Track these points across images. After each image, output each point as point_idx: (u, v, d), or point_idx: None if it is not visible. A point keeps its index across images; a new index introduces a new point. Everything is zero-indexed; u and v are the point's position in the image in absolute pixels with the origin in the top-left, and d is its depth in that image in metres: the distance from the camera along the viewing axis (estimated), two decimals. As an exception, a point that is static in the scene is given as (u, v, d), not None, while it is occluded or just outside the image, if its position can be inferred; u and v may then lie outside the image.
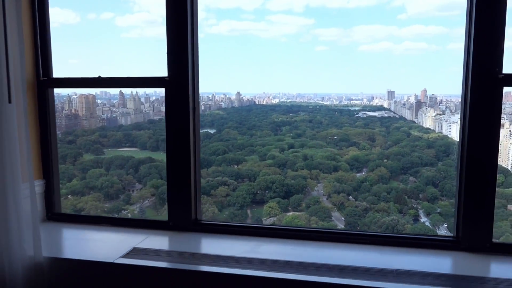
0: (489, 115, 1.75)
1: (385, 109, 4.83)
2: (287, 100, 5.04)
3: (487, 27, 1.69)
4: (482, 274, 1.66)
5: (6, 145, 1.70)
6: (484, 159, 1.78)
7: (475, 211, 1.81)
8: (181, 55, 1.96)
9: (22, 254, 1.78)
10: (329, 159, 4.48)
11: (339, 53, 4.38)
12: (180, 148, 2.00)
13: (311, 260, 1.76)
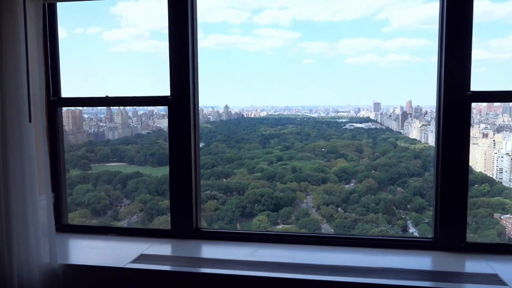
0: (460, 126, 2.12)
1: (371, 121, 5.12)
2: (275, 112, 5.27)
3: (456, 51, 2.07)
4: (458, 269, 2.00)
5: (26, 160, 1.98)
6: (457, 167, 2.13)
7: (450, 214, 2.16)
8: (182, 76, 2.28)
9: (39, 261, 2.04)
10: (318, 171, 4.73)
11: (326, 66, 4.63)
12: (182, 162, 2.31)
13: (304, 261, 2.07)
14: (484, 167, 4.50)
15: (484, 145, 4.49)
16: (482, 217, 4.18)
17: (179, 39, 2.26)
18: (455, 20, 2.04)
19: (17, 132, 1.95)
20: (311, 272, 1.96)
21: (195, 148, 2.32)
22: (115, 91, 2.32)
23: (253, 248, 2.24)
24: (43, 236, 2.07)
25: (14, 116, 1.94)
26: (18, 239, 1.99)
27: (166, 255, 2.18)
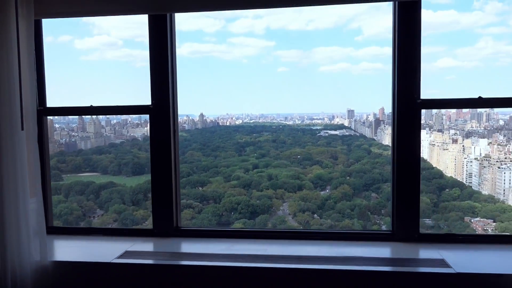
0: (411, 131, 2.55)
1: (346, 128, 5.46)
2: (250, 120, 5.56)
3: (407, 63, 2.51)
4: (412, 256, 2.42)
5: (18, 166, 2.30)
6: (409, 167, 2.55)
7: (405, 209, 2.58)
8: (163, 86, 2.65)
9: (30, 259, 2.36)
10: (294, 178, 5.01)
11: (300, 74, 4.91)
12: (163, 165, 2.67)
13: (276, 253, 2.46)
14: (455, 172, 4.86)
15: (454, 151, 4.84)
16: (453, 220, 4.50)
17: (159, 49, 2.65)
18: (405, 35, 2.49)
19: (10, 140, 2.28)
20: (282, 262, 2.34)
21: (175, 153, 2.69)
22: (89, 100, 2.65)
23: (230, 244, 2.61)
24: (33, 236, 2.38)
25: (7, 125, 2.27)
26: (11, 238, 2.31)
27: (149, 251, 2.53)
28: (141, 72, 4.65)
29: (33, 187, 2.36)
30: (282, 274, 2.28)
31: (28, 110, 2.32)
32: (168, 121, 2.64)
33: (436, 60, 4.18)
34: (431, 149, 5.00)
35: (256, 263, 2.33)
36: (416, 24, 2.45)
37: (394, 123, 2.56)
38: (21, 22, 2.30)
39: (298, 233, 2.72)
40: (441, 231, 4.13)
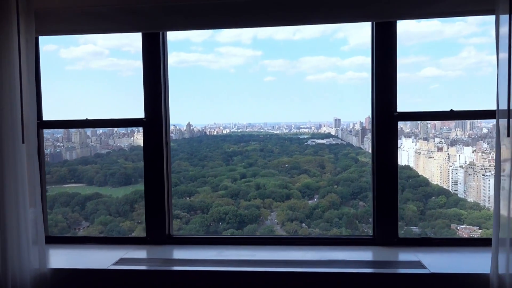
0: (389, 141, 2.86)
1: (332, 137, 5.67)
2: (237, 130, 5.73)
3: (384, 79, 2.82)
4: (392, 259, 2.74)
5: (19, 177, 2.55)
6: (388, 175, 2.85)
7: (385, 215, 2.89)
8: (156, 99, 2.92)
9: (30, 267, 2.60)
10: (281, 187, 5.16)
11: (287, 83, 5.09)
12: (156, 176, 2.94)
13: (264, 258, 2.74)
14: (440, 180, 5.13)
15: (440, 159, 5.11)
16: (440, 228, 4.75)
17: (152, 65, 2.94)
18: (382, 54, 2.81)
19: (12, 152, 2.53)
20: (270, 266, 2.61)
21: (167, 164, 2.96)
22: (75, 110, 2.87)
23: (220, 250, 2.89)
24: (33, 244, 2.62)
25: (9, 138, 2.52)
26: (12, 247, 2.55)
27: (143, 257, 2.79)
28: (128, 82, 4.88)
29: (33, 198, 2.61)
30: (270, 277, 2.56)
31: (28, 124, 2.57)
32: (161, 133, 2.92)
33: (421, 69, 4.46)
34: (417, 157, 5.17)
35: (245, 267, 2.60)
36: (392, 44, 2.79)
37: (374, 135, 2.87)
38: (22, 40, 2.56)
39: (285, 239, 3.02)
40: (421, 236, 4.39)
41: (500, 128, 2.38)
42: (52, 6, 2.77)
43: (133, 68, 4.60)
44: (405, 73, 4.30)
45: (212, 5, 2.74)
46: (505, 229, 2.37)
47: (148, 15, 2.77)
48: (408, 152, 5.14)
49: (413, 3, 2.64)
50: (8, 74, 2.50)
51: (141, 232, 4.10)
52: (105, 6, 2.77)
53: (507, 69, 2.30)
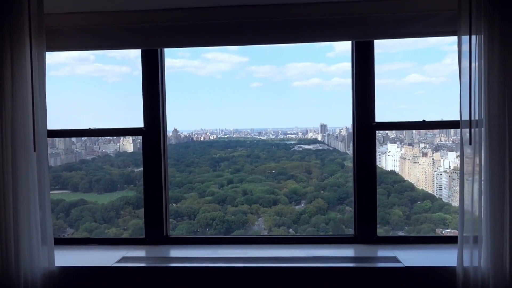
0: (368, 148, 3.41)
1: (319, 142, 5.97)
2: (224, 135, 5.99)
3: (363, 93, 3.36)
4: (371, 255, 3.28)
5: (30, 183, 3.02)
6: (367, 179, 3.38)
7: (365, 215, 3.42)
8: (154, 111, 3.41)
9: (40, 265, 3.06)
10: (268, 193, 5.43)
11: (274, 89, 5.34)
12: (154, 181, 3.44)
13: (255, 255, 3.25)
14: (425, 185, 5.55)
15: (424, 164, 5.53)
16: (425, 232, 5.11)
17: (151, 79, 3.45)
18: (361, 70, 3.36)
19: (24, 160, 3.00)
20: (260, 262, 3.12)
21: (164, 170, 3.47)
22: (61, 117, 3.28)
23: (214, 249, 3.40)
24: (42, 244, 3.08)
25: (22, 146, 2.98)
26: (24, 246, 3.02)
27: (143, 256, 3.29)
28: (114, 87, 5.21)
29: (42, 202, 3.07)
30: (260, 272, 3.07)
31: (39, 134, 3.03)
32: (159, 141, 3.45)
33: (405, 76, 4.90)
34: (402, 162, 5.50)
35: (237, 263, 3.11)
36: (370, 61, 3.38)
37: (354, 143, 3.41)
38: (34, 55, 3.03)
39: (274, 239, 3.58)
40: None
41: (463, 137, 2.93)
42: (61, 25, 3.31)
43: (119, 74, 5.03)
44: (391, 79, 4.77)
45: (205, 25, 3.31)
46: (469, 228, 2.91)
47: (147, 33, 3.30)
48: (393, 157, 5.41)
49: (389, 25, 3.21)
50: (21, 87, 2.98)
51: (127, 239, 4.47)
52: (108, 25, 3.32)
53: (468, 85, 2.85)
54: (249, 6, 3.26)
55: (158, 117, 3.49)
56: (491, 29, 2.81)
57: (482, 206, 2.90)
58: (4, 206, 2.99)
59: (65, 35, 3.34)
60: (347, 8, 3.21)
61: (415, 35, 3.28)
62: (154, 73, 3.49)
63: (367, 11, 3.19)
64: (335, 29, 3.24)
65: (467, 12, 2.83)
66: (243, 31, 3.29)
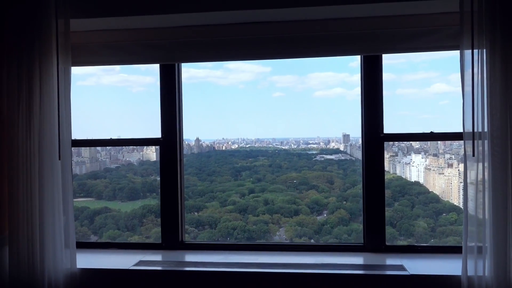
0: (377, 159, 3.66)
1: (341, 152, 6.02)
2: (246, 145, 6.18)
3: (372, 105, 3.62)
4: (379, 263, 3.53)
5: (55, 190, 3.38)
6: (376, 190, 3.63)
7: (374, 225, 3.65)
8: (171, 122, 3.75)
9: (63, 267, 3.40)
10: (290, 203, 5.53)
11: (295, 99, 5.42)
12: (170, 189, 3.77)
13: (266, 261, 3.53)
14: (451, 196, 5.68)
15: (450, 175, 5.65)
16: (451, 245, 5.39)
17: (169, 92, 3.80)
18: (370, 82, 3.62)
19: (50, 168, 3.36)
20: (271, 268, 3.40)
21: (180, 178, 3.80)
22: (85, 125, 3.63)
23: (227, 255, 3.70)
24: (65, 247, 3.43)
25: (48, 155, 3.34)
26: (48, 249, 3.37)
27: (159, 260, 3.62)
28: (138, 97, 5.51)
29: (66, 207, 3.43)
30: (271, 277, 3.36)
31: (64, 143, 3.40)
32: (176, 152, 3.78)
33: (430, 85, 5.07)
34: (426, 173, 5.59)
35: (249, 269, 3.40)
36: (378, 75, 3.65)
37: (363, 154, 3.66)
38: (61, 70, 3.41)
39: (285, 246, 3.89)
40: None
41: (467, 148, 3.14)
42: (86, 42, 3.74)
43: (143, 84, 5.36)
44: (414, 89, 4.95)
45: (220, 41, 3.67)
46: (473, 238, 3.12)
47: (166, 49, 3.66)
48: (418, 168, 5.51)
49: (395, 40, 3.48)
50: (48, 99, 3.36)
51: (149, 247, 4.78)
52: (129, 41, 3.73)
53: (471, 98, 3.07)
54: (260, 23, 3.61)
55: (175, 128, 3.86)
56: (492, 43, 3.04)
57: (486, 215, 3.13)
58: (31, 210, 3.36)
59: (89, 51, 3.77)
60: (355, 24, 3.49)
61: (420, 49, 3.54)
62: (171, 86, 3.88)
63: (374, 27, 3.48)
64: (343, 45, 3.54)
65: (469, 27, 3.06)
66: (258, 47, 3.63)
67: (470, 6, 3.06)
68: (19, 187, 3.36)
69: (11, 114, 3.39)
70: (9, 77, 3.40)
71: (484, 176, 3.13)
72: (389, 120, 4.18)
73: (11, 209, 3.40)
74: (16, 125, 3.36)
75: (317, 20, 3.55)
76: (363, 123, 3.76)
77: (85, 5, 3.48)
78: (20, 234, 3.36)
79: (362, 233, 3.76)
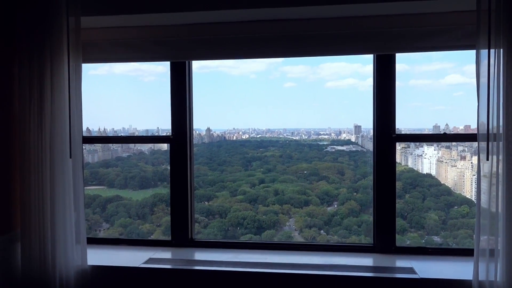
0: (388, 159, 3.62)
1: (352, 143, 6.01)
2: (257, 135, 6.13)
3: (385, 106, 3.56)
4: (389, 265, 3.51)
5: (66, 187, 3.38)
6: (387, 190, 3.59)
7: (384, 226, 3.62)
8: (181, 120, 3.72)
9: (73, 263, 3.42)
10: (300, 194, 5.55)
11: (307, 89, 5.42)
12: (181, 186, 3.76)
13: (274, 261, 3.53)
14: (463, 189, 5.63)
15: (462, 168, 5.58)
16: (462, 238, 5.14)
17: (179, 89, 3.75)
18: (382, 83, 3.56)
19: (61, 166, 3.36)
20: (279, 268, 3.40)
21: (190, 176, 3.78)
22: (97, 114, 3.63)
23: (236, 253, 3.71)
24: (76, 244, 3.44)
25: (59, 153, 3.34)
26: (59, 246, 3.39)
27: (168, 258, 3.63)
28: (150, 87, 5.49)
29: (77, 204, 3.43)
30: (279, 278, 3.35)
31: (74, 141, 3.39)
32: (186, 149, 3.77)
33: (444, 76, 5.00)
34: (439, 165, 5.53)
35: (257, 268, 3.41)
36: (391, 74, 3.55)
37: (374, 154, 3.61)
38: (72, 67, 3.39)
39: (294, 245, 3.88)
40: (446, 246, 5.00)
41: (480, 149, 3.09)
42: (96, 39, 3.72)
43: (155, 73, 5.34)
44: (428, 80, 4.89)
45: (229, 39, 3.63)
46: (485, 231, 3.08)
47: (176, 47, 3.62)
48: (430, 160, 5.47)
49: (409, 39, 3.40)
50: (59, 96, 3.35)
51: (159, 235, 4.80)
52: (140, 39, 3.70)
53: (486, 95, 3.01)
54: (272, 21, 3.55)
55: (185, 126, 3.84)
56: (510, 43, 2.96)
57: (499, 209, 3.08)
58: (43, 207, 3.37)
59: (100, 48, 3.75)
60: (368, 22, 3.42)
61: (435, 49, 3.47)
62: (182, 83, 3.85)
63: (388, 25, 3.40)
64: (356, 44, 3.48)
65: (486, 26, 2.99)
66: (268, 44, 3.58)
67: (488, 5, 2.98)
68: (31, 184, 3.38)
69: (22, 112, 3.39)
70: (20, 75, 3.39)
71: (498, 169, 3.07)
72: (402, 112, 4.16)
73: (23, 206, 3.41)
74: (28, 123, 3.36)
75: (330, 19, 3.48)
76: (374, 124, 3.72)
77: (96, 3, 3.45)
78: (32, 230, 3.38)
79: (372, 224, 3.72)
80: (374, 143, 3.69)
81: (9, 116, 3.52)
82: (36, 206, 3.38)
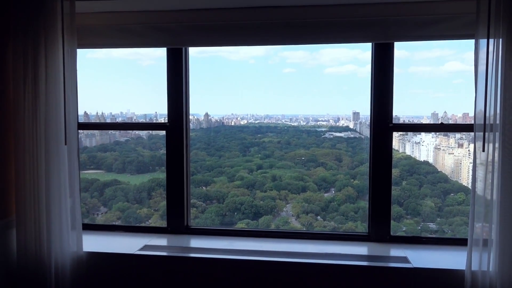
0: (385, 148, 3.62)
1: (351, 130, 6.00)
2: (255, 121, 6.15)
3: (381, 96, 3.53)
4: (383, 254, 3.51)
5: (61, 174, 3.37)
6: (383, 180, 3.58)
7: (379, 215, 3.63)
8: (177, 107, 3.69)
9: (69, 250, 3.42)
10: (298, 180, 5.58)
11: (306, 75, 5.41)
12: (177, 174, 3.75)
13: (270, 249, 3.53)
14: (460, 177, 5.63)
15: (460, 155, 5.58)
16: (458, 225, 5.17)
17: (175, 76, 3.73)
18: (380, 73, 3.52)
19: (56, 153, 3.35)
20: (274, 256, 3.40)
21: (186, 164, 3.75)
22: (95, 97, 3.60)
23: (231, 241, 3.71)
24: (71, 230, 3.44)
25: (54, 140, 3.33)
26: (55, 232, 3.39)
27: (164, 245, 3.63)
28: (148, 70, 5.45)
29: (72, 189, 3.42)
30: (274, 266, 3.35)
31: (70, 128, 3.37)
32: (182, 137, 3.75)
33: (444, 63, 4.97)
34: (436, 153, 5.55)
35: (252, 256, 3.42)
36: (389, 63, 3.53)
37: (371, 144, 3.59)
38: (66, 52, 3.36)
39: (289, 233, 3.90)
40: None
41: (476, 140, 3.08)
42: (91, 23, 3.67)
43: (154, 57, 5.29)
44: (428, 67, 4.85)
45: (227, 25, 3.58)
46: (480, 219, 3.12)
47: (174, 32, 3.58)
48: (427, 147, 5.47)
49: (408, 27, 3.36)
50: (54, 82, 3.32)
51: (157, 220, 4.83)
52: (136, 24, 3.66)
53: (484, 84, 2.98)
54: (269, 8, 3.50)
55: (181, 113, 3.82)
56: (509, 33, 2.92)
57: (494, 196, 3.10)
58: (38, 194, 3.37)
59: (95, 33, 3.71)
60: (366, 10, 3.37)
61: (433, 38, 3.44)
62: (179, 70, 3.81)
63: (386, 13, 3.36)
64: (354, 31, 3.45)
65: (485, 15, 2.95)
66: (266, 31, 3.55)
67: (488, -6, 2.94)
68: (26, 170, 3.37)
69: (17, 97, 3.37)
70: (14, 60, 3.37)
71: (493, 157, 3.08)
72: (401, 99, 4.16)
73: (18, 191, 3.41)
74: (22, 108, 3.35)
75: (327, 6, 3.43)
76: (371, 114, 3.70)
77: (91, -13, 3.40)
78: (27, 217, 3.39)
79: (367, 212, 3.71)
80: (370, 133, 3.67)
81: (3, 103, 3.50)
82: (31, 193, 3.38)
